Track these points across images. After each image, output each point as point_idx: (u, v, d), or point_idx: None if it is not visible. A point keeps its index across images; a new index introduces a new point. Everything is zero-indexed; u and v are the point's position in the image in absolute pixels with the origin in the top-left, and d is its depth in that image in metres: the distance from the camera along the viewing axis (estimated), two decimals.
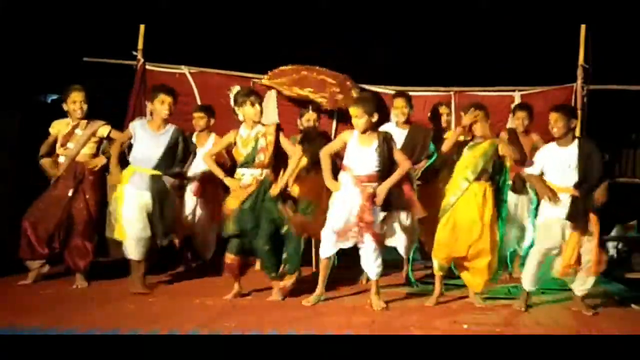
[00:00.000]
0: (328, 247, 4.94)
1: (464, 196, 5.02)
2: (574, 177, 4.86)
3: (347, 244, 4.91)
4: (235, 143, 5.14)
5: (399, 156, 5.00)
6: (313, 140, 5.61)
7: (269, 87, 7.05)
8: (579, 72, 6.98)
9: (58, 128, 5.60)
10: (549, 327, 4.59)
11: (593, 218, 4.82)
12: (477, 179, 5.04)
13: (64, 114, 5.64)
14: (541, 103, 7.24)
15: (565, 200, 4.86)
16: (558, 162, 4.93)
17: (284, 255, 5.11)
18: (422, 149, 5.81)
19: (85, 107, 5.55)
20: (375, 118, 4.95)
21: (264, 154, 5.05)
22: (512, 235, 5.92)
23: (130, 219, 5.11)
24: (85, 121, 5.58)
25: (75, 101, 5.54)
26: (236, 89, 5.30)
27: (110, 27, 7.45)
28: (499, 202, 5.15)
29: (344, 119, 7.39)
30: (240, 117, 5.19)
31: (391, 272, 5.98)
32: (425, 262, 6.73)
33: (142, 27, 7.31)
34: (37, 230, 5.32)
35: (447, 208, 5.05)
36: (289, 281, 5.10)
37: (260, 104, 5.18)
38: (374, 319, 4.61)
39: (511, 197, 5.74)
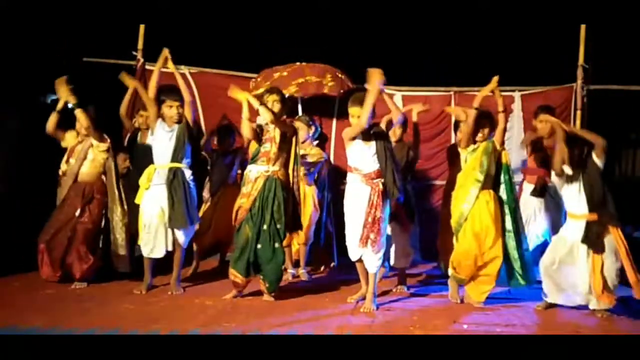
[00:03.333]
0: (355, 250, 4.96)
1: (476, 205, 5.01)
2: (585, 203, 4.89)
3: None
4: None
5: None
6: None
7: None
8: (579, 72, 6.99)
9: (68, 141, 5.71)
10: (549, 327, 4.59)
11: (615, 235, 4.81)
12: (484, 186, 5.04)
13: (64, 115, 5.66)
14: (541, 103, 7.25)
15: (581, 225, 4.88)
16: (571, 188, 4.97)
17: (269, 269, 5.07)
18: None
19: (71, 98, 5.58)
20: (373, 116, 4.98)
21: (270, 144, 5.07)
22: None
23: (145, 218, 5.27)
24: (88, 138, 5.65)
25: (79, 119, 5.62)
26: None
27: (110, 27, 7.44)
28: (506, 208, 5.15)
29: (342, 117, 7.41)
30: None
31: (390, 274, 5.99)
32: (426, 263, 6.75)
33: (142, 27, 7.32)
34: (51, 254, 5.32)
35: (463, 217, 5.03)
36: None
37: (282, 103, 5.19)
38: (374, 319, 4.61)
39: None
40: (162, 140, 5.32)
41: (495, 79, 5.26)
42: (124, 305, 4.76)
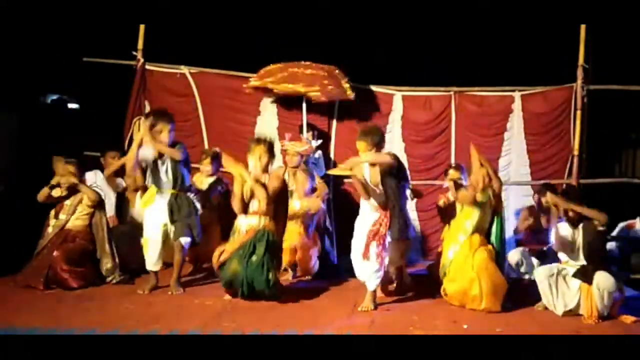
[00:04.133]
0: (359, 266, 4.99)
1: (461, 247, 5.05)
2: (581, 256, 4.94)
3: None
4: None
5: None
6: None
7: (260, 89, 7.05)
8: (579, 72, 6.98)
9: (55, 194, 5.61)
10: (549, 327, 4.59)
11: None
12: (473, 233, 5.07)
13: (62, 114, 5.65)
14: (541, 103, 7.25)
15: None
16: (569, 242, 4.99)
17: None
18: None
19: (72, 179, 5.55)
20: (381, 148, 5.04)
21: (259, 202, 5.05)
22: None
23: (148, 237, 5.27)
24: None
25: (64, 175, 5.56)
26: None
27: (110, 27, 7.45)
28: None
29: (342, 116, 7.42)
30: (250, 165, 5.21)
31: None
32: (425, 262, 6.75)
33: (142, 27, 7.32)
34: (35, 279, 5.23)
35: (447, 264, 5.08)
36: None
37: (268, 156, 5.17)
38: (374, 319, 4.61)
39: None
40: (158, 170, 5.32)
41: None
42: (124, 305, 4.76)
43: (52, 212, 5.57)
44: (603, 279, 4.75)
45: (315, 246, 6.01)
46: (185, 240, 5.30)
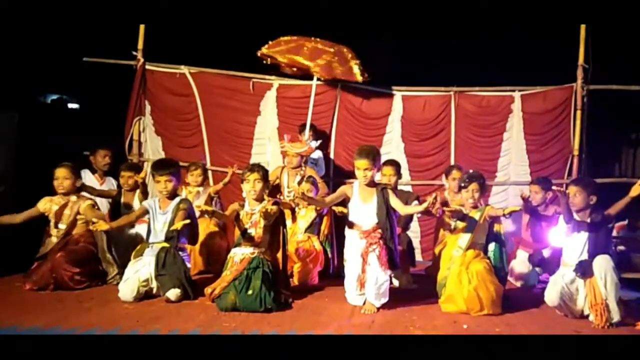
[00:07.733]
0: (354, 296, 4.97)
1: (456, 262, 4.98)
2: (584, 255, 4.78)
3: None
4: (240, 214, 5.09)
5: (396, 204, 4.96)
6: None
7: (267, 58, 7.06)
8: (579, 72, 7.00)
9: (44, 206, 5.47)
10: (549, 327, 4.59)
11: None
12: (468, 249, 5.00)
13: (62, 114, 5.64)
14: (541, 103, 7.27)
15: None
16: (573, 244, 4.86)
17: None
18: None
19: (67, 183, 5.44)
20: (378, 170, 5.06)
21: (254, 229, 5.00)
22: None
23: (126, 280, 4.99)
24: (75, 199, 5.49)
25: (58, 177, 5.46)
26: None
27: (110, 27, 7.46)
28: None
29: (343, 116, 7.43)
30: (244, 194, 5.17)
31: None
32: (425, 263, 6.76)
33: (142, 27, 7.34)
34: (40, 282, 5.19)
35: (442, 283, 5.01)
36: None
37: (263, 181, 5.06)
38: (374, 319, 4.61)
39: None
40: (154, 221, 5.19)
41: None
42: (124, 305, 4.76)
43: (52, 223, 5.46)
44: (602, 261, 4.61)
45: (317, 261, 5.83)
46: (175, 294, 4.89)
